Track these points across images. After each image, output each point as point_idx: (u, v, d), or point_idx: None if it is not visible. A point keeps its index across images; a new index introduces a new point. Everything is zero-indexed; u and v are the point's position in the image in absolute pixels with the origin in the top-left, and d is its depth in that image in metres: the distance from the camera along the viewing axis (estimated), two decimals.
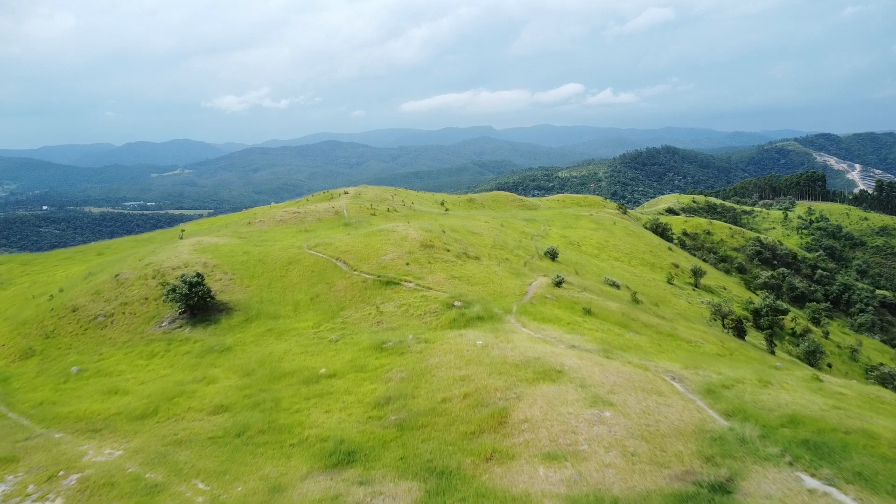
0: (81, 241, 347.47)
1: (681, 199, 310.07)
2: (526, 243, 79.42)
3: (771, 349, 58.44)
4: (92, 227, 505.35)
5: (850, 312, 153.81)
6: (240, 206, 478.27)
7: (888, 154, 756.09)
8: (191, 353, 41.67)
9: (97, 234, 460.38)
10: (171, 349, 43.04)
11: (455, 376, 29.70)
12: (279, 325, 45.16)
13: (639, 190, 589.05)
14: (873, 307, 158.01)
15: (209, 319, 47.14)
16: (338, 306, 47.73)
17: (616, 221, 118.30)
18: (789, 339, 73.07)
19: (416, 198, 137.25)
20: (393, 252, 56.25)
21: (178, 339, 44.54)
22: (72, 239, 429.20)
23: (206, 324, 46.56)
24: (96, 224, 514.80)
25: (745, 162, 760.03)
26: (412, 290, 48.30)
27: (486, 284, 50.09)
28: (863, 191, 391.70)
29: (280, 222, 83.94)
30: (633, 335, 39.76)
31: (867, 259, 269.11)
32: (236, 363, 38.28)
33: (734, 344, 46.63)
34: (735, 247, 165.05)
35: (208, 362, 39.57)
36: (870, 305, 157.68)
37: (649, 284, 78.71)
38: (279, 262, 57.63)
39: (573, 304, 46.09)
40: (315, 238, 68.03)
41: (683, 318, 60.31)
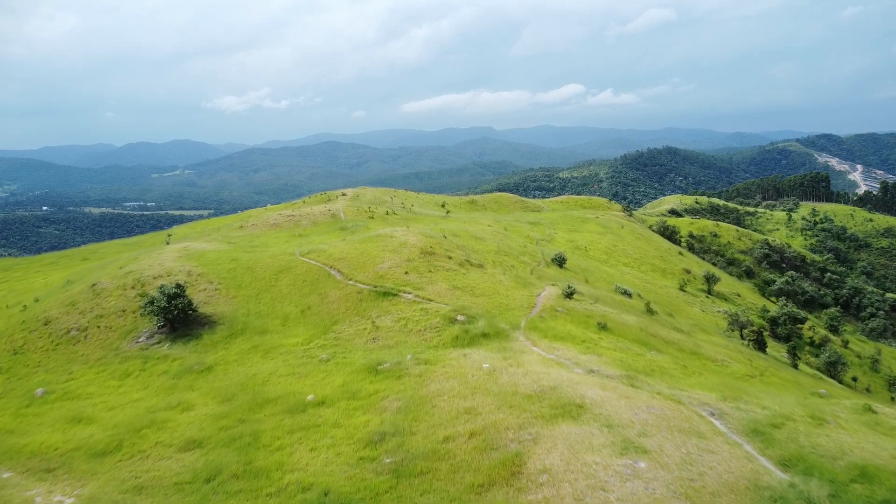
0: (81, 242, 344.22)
1: (684, 199, 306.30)
2: (531, 248, 75.66)
3: (794, 363, 54.75)
4: (92, 227, 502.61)
5: (861, 317, 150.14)
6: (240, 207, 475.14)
7: (890, 154, 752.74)
8: (168, 374, 37.95)
9: (97, 234, 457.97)
10: (146, 368, 39.31)
11: (459, 408, 25.99)
12: (266, 341, 41.43)
13: (640, 191, 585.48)
14: (884, 311, 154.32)
15: (190, 334, 43.42)
16: (330, 320, 44.01)
17: (624, 225, 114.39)
18: (809, 350, 69.43)
19: (416, 200, 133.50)
20: (391, 260, 52.52)
21: (156, 356, 40.82)
22: (71, 240, 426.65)
23: (187, 339, 42.83)
24: (96, 225, 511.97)
25: (747, 163, 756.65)
26: (411, 302, 44.58)
27: (492, 296, 46.35)
28: (867, 191, 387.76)
29: (273, 226, 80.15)
30: (655, 354, 36.03)
31: (872, 261, 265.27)
32: (216, 386, 34.56)
33: (762, 362, 42.95)
34: (742, 249, 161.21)
35: (185, 384, 35.86)
36: (880, 310, 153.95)
37: (661, 292, 74.96)
38: (269, 270, 53.91)
39: (586, 317, 42.35)
40: (309, 244, 64.32)
41: (701, 330, 56.61)
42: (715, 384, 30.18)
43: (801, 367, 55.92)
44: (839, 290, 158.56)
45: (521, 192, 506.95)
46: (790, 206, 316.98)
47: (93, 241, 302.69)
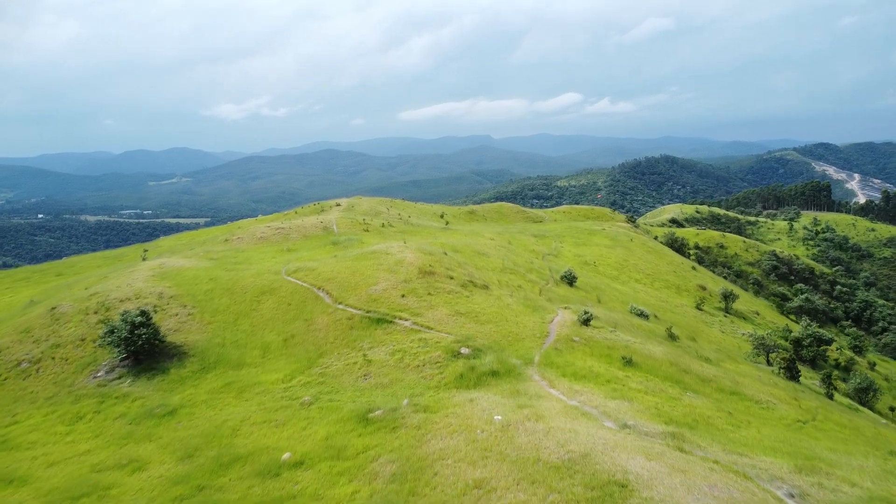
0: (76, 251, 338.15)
1: (684, 209, 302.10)
2: (538, 264, 70.47)
3: (829, 392, 49.61)
4: (87, 235, 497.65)
5: (873, 331, 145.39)
6: (237, 215, 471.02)
7: (887, 164, 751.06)
8: (125, 418, 32.63)
9: (92, 243, 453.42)
10: (102, 410, 33.97)
11: (467, 479, 20.76)
12: (241, 378, 36.13)
13: (638, 199, 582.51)
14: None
15: (156, 368, 38.11)
16: (316, 351, 38.74)
17: (633, 237, 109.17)
18: (836, 374, 64.32)
19: (414, 210, 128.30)
20: (386, 281, 47.29)
21: (114, 395, 35.48)
22: (66, 248, 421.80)
23: (152, 374, 37.51)
24: (91, 233, 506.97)
25: (745, 171, 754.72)
26: (408, 330, 39.34)
27: (499, 323, 41.14)
28: (869, 201, 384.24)
29: (261, 240, 74.85)
30: (692, 397, 30.83)
31: (875, 271, 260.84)
32: (178, 437, 29.30)
33: (812, 402, 37.83)
34: (750, 261, 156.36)
35: (143, 432, 30.56)
36: (892, 324, 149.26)
37: (678, 312, 69.84)
38: (250, 291, 48.63)
39: (608, 350, 37.14)
40: (297, 260, 59.09)
41: (727, 356, 51.48)
42: (774, 441, 25.06)
43: (837, 398, 50.81)
44: (850, 303, 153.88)
45: (520, 200, 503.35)
46: (791, 216, 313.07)
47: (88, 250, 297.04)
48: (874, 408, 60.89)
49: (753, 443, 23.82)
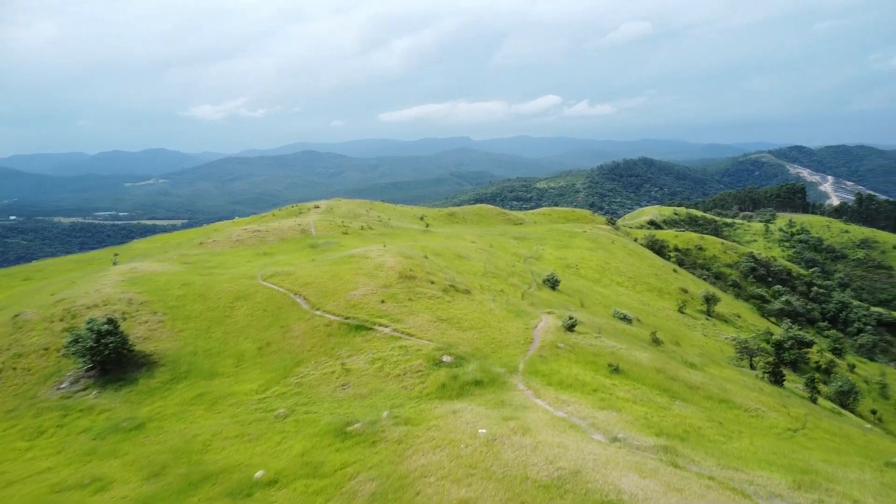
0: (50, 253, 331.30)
1: (662, 210, 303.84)
2: (520, 268, 69.49)
3: (813, 396, 49.28)
4: (62, 237, 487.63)
5: (849, 332, 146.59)
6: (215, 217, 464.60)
7: (859, 166, 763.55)
8: (90, 432, 30.95)
9: (66, 245, 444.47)
10: (65, 424, 32.25)
11: (452, 501, 19.63)
12: (214, 388, 34.59)
13: (616, 201, 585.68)
14: (871, 326, 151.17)
15: (124, 378, 36.40)
16: (292, 360, 37.31)
17: (614, 240, 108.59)
18: (818, 377, 64.22)
19: (394, 212, 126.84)
20: (365, 286, 45.95)
21: (79, 408, 33.75)
22: (40, 250, 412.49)
23: (120, 385, 35.81)
24: (66, 235, 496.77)
25: (721, 173, 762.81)
26: (388, 337, 38.07)
27: (482, 329, 40.04)
28: (843, 203, 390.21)
29: (237, 243, 72.98)
30: (682, 406, 29.97)
31: (849, 272, 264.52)
32: (145, 453, 27.75)
33: (800, 408, 37.23)
34: (728, 263, 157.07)
35: (108, 448, 28.96)
36: (868, 325, 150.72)
37: (661, 315, 69.30)
38: (224, 297, 46.99)
39: (594, 356, 36.19)
40: (273, 264, 57.48)
41: (711, 361, 50.87)
42: (768, 453, 24.22)
43: (820, 402, 50.49)
44: (826, 304, 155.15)
45: (499, 202, 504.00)
46: (767, 218, 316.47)
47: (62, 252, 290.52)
48: (855, 411, 60.86)
49: (747, 455, 22.96)
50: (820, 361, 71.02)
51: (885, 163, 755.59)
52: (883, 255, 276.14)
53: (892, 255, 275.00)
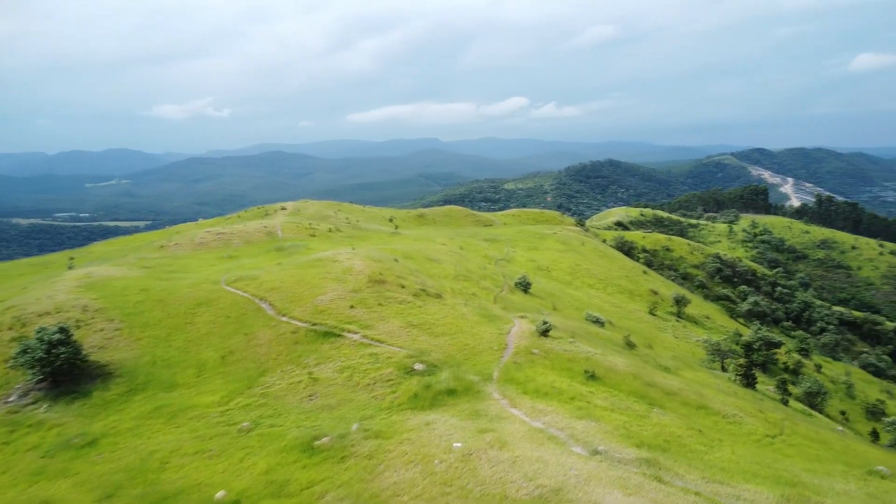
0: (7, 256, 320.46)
1: (629, 212, 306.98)
2: (491, 270, 68.64)
3: (784, 400, 49.33)
4: (19, 239, 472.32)
5: (812, 331, 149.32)
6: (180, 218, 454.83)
7: (818, 168, 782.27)
8: (38, 450, 29.00)
9: (25, 247, 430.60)
10: (12, 441, 30.20)
11: None
12: (173, 400, 32.84)
13: (584, 202, 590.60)
14: (833, 325, 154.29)
15: (77, 391, 34.38)
16: (257, 369, 35.72)
17: (585, 241, 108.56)
18: (788, 377, 64.69)
19: (363, 214, 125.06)
20: (333, 290, 44.48)
21: (27, 423, 31.68)
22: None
23: (72, 398, 33.79)
24: (24, 237, 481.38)
25: (685, 175, 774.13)
26: (358, 344, 36.72)
27: (454, 335, 38.95)
28: (804, 204, 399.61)
29: (200, 246, 70.66)
30: (660, 413, 29.29)
31: (810, 272, 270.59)
32: (97, 472, 26.02)
33: (776, 414, 36.93)
34: (695, 264, 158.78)
35: (58, 467, 27.10)
36: (830, 324, 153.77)
37: (632, 317, 69.11)
38: (186, 303, 45.04)
39: (569, 362, 35.38)
40: (238, 268, 55.54)
41: (684, 364, 50.60)
42: (751, 463, 23.62)
43: (791, 404, 50.63)
44: (790, 304, 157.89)
45: (468, 203, 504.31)
46: (731, 219, 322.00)
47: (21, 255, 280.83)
48: (824, 411, 61.39)
49: (731, 466, 22.31)
50: (788, 362, 71.65)
51: (843, 165, 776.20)
52: (842, 255, 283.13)
53: (851, 256, 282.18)
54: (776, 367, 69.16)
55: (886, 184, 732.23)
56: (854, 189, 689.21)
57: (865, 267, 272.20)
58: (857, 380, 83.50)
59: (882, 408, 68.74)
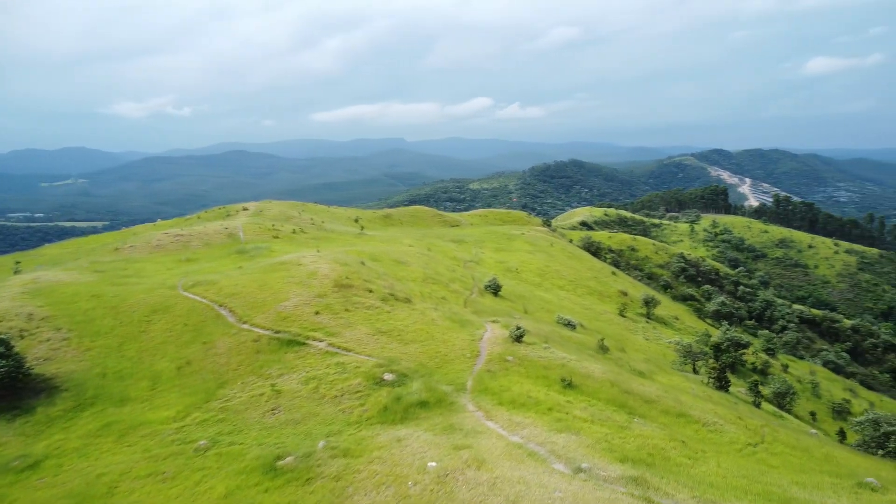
0: None
1: (593, 212, 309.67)
2: (461, 273, 67.25)
3: (756, 402, 49.06)
4: None
5: (773, 329, 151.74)
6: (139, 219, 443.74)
7: (774, 169, 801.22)
8: None
9: None
10: None
11: None
12: (124, 417, 30.62)
13: (548, 202, 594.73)
14: (794, 323, 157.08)
15: (19, 407, 31.87)
16: (216, 380, 33.64)
17: (553, 242, 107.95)
18: (757, 378, 64.77)
19: (328, 215, 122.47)
20: (298, 295, 42.52)
21: None
22: None
23: (14, 415, 31.28)
24: None
25: (647, 175, 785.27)
26: (324, 353, 34.90)
27: (425, 342, 37.40)
28: (762, 204, 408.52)
29: (157, 248, 67.67)
30: (641, 424, 28.23)
31: (769, 270, 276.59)
32: (39, 499, 23.80)
33: (755, 420, 36.31)
34: (660, 263, 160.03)
35: None
36: (791, 322, 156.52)
37: (603, 319, 68.49)
38: (140, 310, 42.59)
39: (545, 370, 34.14)
40: (197, 273, 53.07)
41: (657, 367, 49.98)
42: (738, 477, 22.58)
43: (763, 406, 50.44)
44: (752, 303, 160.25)
45: (434, 203, 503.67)
46: (692, 219, 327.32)
47: None
48: (792, 411, 61.58)
49: (719, 482, 21.26)
50: (756, 363, 71.95)
51: (798, 166, 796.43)
52: (799, 254, 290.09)
53: (808, 254, 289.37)
54: (744, 367, 69.36)
55: (839, 184, 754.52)
56: (808, 189, 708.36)
57: (822, 265, 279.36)
58: (822, 378, 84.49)
59: (847, 407, 69.53)
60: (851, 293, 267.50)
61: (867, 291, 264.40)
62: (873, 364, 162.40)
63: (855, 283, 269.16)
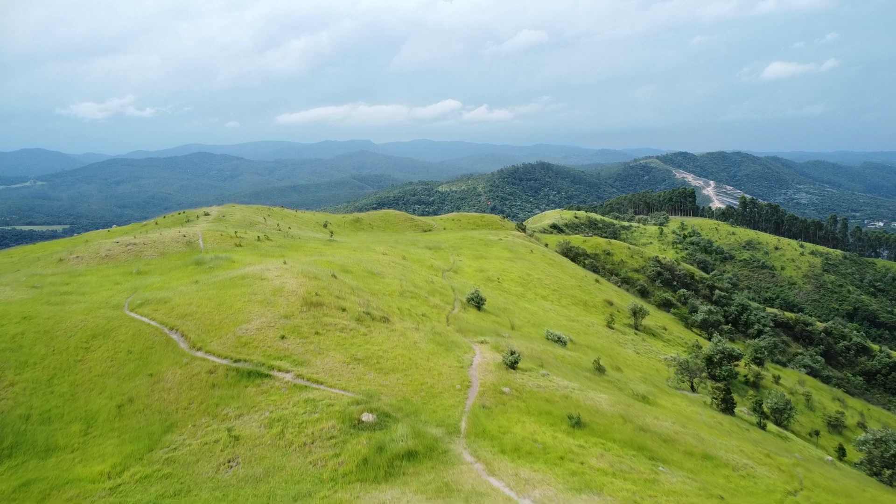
0: None
1: (563, 214, 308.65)
2: (439, 284, 62.55)
3: (761, 423, 45.49)
4: None
5: (749, 333, 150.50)
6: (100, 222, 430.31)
7: (737, 171, 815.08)
8: None
9: None
10: None
11: None
12: (47, 472, 25.28)
13: (517, 204, 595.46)
14: (770, 327, 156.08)
15: None
16: (163, 423, 28.45)
17: (533, 249, 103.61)
18: (752, 393, 61.74)
19: (295, 219, 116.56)
20: (261, 316, 37.36)
21: None
22: None
23: None
24: None
25: (613, 178, 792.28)
26: (291, 387, 29.93)
27: (408, 370, 32.65)
28: (729, 206, 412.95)
29: (106, 259, 61.54)
30: (667, 473, 24.01)
31: (737, 272, 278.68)
32: None
33: (784, 457, 32.43)
34: (635, 267, 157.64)
35: None
36: (766, 326, 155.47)
37: (591, 332, 64.55)
38: (78, 334, 37.01)
39: (547, 403, 29.71)
40: (147, 288, 47.43)
41: (657, 388, 46.09)
42: None
43: (768, 427, 46.97)
44: (728, 307, 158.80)
45: (402, 206, 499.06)
46: (661, 221, 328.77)
47: None
48: (789, 427, 58.43)
49: None
50: (748, 375, 68.88)
51: (759, 168, 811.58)
52: (766, 255, 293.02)
53: (774, 256, 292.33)
54: (737, 380, 66.18)
55: (800, 186, 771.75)
56: (770, 191, 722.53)
57: (788, 267, 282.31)
58: (812, 388, 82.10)
59: (842, 420, 66.95)
60: (817, 294, 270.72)
61: (832, 292, 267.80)
62: (846, 367, 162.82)
63: (820, 285, 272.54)
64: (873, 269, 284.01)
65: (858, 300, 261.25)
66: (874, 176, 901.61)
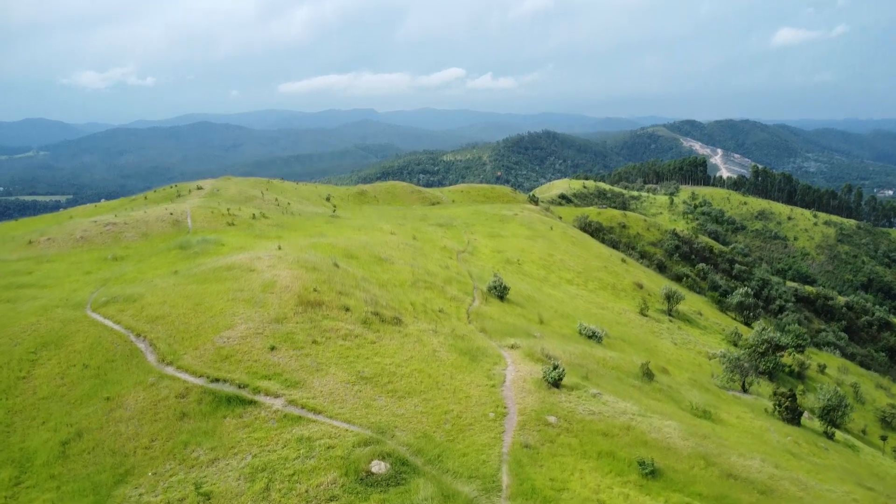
0: None
1: (572, 184, 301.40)
2: (455, 269, 55.78)
3: (829, 432, 39.19)
4: None
5: (771, 309, 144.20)
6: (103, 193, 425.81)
7: (745, 139, 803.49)
8: None
9: None
10: None
11: None
12: None
13: (522, 174, 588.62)
14: (791, 302, 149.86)
15: None
16: (115, 469, 22.11)
17: (553, 226, 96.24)
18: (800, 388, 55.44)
19: (295, 193, 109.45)
20: (247, 320, 30.80)
21: None
22: None
23: None
24: None
25: (620, 146, 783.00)
26: (280, 418, 23.51)
27: (427, 392, 26.19)
28: (741, 176, 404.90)
29: (80, 241, 54.98)
30: None
31: (748, 242, 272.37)
32: None
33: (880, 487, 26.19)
34: (652, 241, 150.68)
35: None
36: (788, 301, 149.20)
37: (624, 322, 58.10)
38: (25, 342, 30.58)
39: (606, 439, 23.26)
40: (118, 280, 40.92)
41: (712, 395, 39.74)
42: None
43: (836, 436, 40.85)
44: (748, 282, 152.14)
45: (407, 175, 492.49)
46: (671, 190, 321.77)
47: None
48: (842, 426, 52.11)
49: None
50: (793, 365, 62.56)
51: (767, 137, 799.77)
52: (778, 226, 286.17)
53: (787, 226, 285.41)
54: (783, 373, 59.88)
55: (808, 154, 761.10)
56: (778, 160, 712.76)
57: (801, 237, 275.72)
58: (855, 375, 75.88)
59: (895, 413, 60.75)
60: (831, 265, 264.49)
61: (846, 263, 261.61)
62: (869, 343, 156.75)
63: (834, 255, 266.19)
64: (888, 239, 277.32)
65: (873, 271, 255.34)
66: (884, 143, 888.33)
